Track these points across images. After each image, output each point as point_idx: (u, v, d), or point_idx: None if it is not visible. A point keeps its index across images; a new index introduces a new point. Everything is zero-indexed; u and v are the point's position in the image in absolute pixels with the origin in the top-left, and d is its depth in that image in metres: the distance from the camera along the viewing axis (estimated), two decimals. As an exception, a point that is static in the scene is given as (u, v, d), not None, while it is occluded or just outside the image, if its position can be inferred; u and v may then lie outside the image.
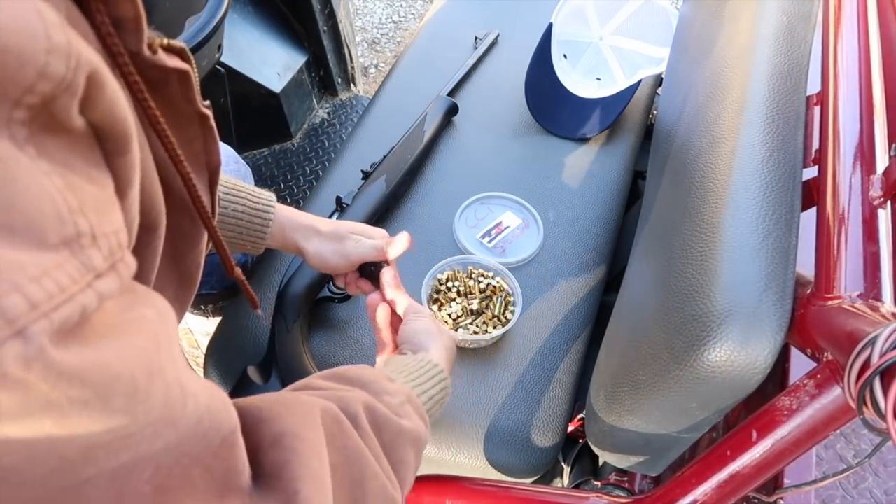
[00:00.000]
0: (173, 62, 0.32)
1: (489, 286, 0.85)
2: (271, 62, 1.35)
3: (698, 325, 0.48)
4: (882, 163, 0.53)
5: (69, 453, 0.22)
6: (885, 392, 0.36)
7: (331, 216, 0.90)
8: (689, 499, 0.54)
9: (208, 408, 0.28)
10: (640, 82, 1.04)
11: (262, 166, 1.41)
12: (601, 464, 0.84)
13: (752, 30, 0.69)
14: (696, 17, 0.90)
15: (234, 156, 0.99)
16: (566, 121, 1.07)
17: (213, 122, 0.39)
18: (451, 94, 1.10)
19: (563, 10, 1.10)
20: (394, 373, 0.53)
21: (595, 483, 0.77)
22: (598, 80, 1.17)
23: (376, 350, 0.65)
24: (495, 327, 0.82)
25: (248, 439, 0.32)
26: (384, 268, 0.67)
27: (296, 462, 0.33)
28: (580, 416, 0.83)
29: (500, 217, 0.97)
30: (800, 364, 0.56)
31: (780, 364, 0.60)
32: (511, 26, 1.25)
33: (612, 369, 0.64)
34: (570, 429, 0.83)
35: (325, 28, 1.40)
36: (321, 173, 1.37)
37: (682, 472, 0.55)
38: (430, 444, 0.78)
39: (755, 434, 0.49)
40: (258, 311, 0.56)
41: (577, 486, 0.79)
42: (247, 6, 1.35)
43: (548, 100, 1.07)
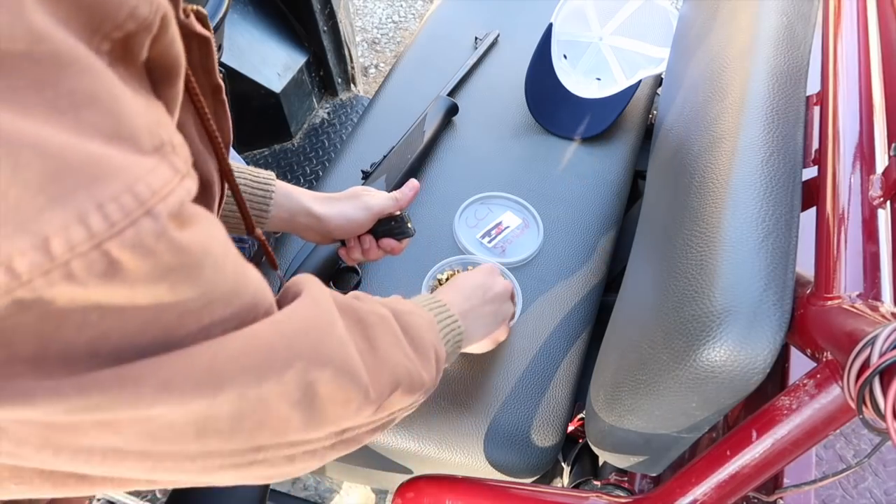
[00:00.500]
0: (199, 28, 0.35)
1: (489, 286, 0.85)
2: (271, 62, 1.35)
3: (698, 325, 0.48)
4: (882, 163, 0.53)
5: (170, 320, 0.27)
6: (885, 392, 0.36)
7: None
8: (689, 499, 0.54)
9: (259, 283, 0.33)
10: (640, 82, 1.04)
11: (262, 166, 1.41)
12: (601, 464, 0.84)
13: (752, 30, 0.69)
14: (696, 17, 0.90)
15: (233, 154, 0.99)
16: (566, 121, 1.07)
17: (225, 96, 0.42)
18: (451, 94, 1.10)
19: (563, 10, 1.10)
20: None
21: (595, 483, 0.77)
22: (598, 80, 1.17)
23: None
24: (495, 327, 0.82)
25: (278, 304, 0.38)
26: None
27: (300, 285, 0.40)
28: (580, 416, 0.83)
29: (500, 217, 0.97)
30: (800, 364, 0.56)
31: (780, 364, 0.59)
32: (511, 26, 1.25)
33: (612, 369, 0.64)
34: (570, 429, 0.83)
35: (325, 28, 1.40)
36: (321, 173, 1.37)
37: (682, 472, 0.55)
38: (430, 444, 0.78)
39: (755, 434, 0.49)
40: (278, 273, 0.59)
41: (577, 486, 0.79)
42: (247, 6, 1.35)
43: (548, 100, 1.07)
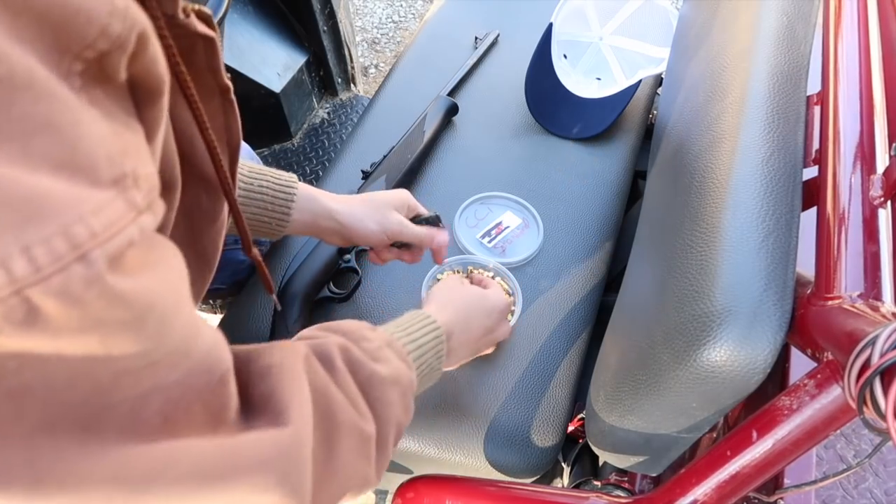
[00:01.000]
0: (202, 28, 0.34)
1: (489, 286, 0.85)
2: (271, 62, 1.35)
3: (698, 325, 0.48)
4: (882, 163, 0.53)
5: (103, 378, 0.25)
6: (885, 392, 0.36)
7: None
8: (689, 499, 0.54)
9: (214, 342, 0.31)
10: (640, 82, 1.04)
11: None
12: (601, 464, 0.84)
13: (752, 30, 0.69)
14: (696, 17, 0.90)
15: (249, 151, 0.98)
16: (566, 121, 1.07)
17: (234, 97, 0.40)
18: (451, 94, 1.10)
19: (563, 10, 1.10)
20: (382, 326, 0.55)
21: (595, 483, 0.77)
22: (598, 80, 1.17)
23: None
24: (495, 327, 0.82)
25: (239, 375, 0.35)
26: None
27: (282, 386, 0.36)
28: (580, 416, 0.83)
29: (500, 217, 0.97)
30: (800, 364, 0.56)
31: (780, 364, 0.59)
32: (511, 26, 1.25)
33: (612, 369, 0.64)
34: (570, 429, 0.83)
35: (325, 28, 1.40)
36: (321, 173, 1.37)
37: (682, 472, 0.55)
38: (430, 444, 0.78)
39: (755, 434, 0.48)
40: (273, 296, 0.57)
41: (577, 486, 0.79)
42: (247, 6, 1.35)
43: (548, 100, 1.07)
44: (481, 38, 1.21)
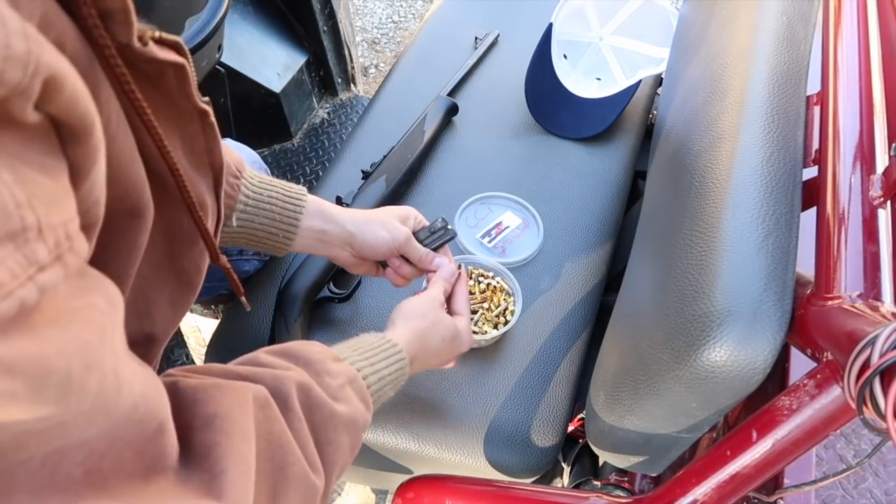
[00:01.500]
0: (166, 55, 0.32)
1: (489, 286, 0.85)
2: (271, 62, 1.35)
3: (698, 325, 0.48)
4: (882, 163, 0.53)
5: (2, 439, 0.22)
6: (885, 392, 0.36)
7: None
8: (689, 499, 0.54)
9: (144, 395, 0.29)
10: (640, 82, 1.04)
11: (262, 166, 1.41)
12: (601, 464, 0.84)
13: (752, 30, 0.69)
14: (696, 17, 0.90)
15: (253, 155, 0.97)
16: (566, 121, 1.07)
17: (214, 119, 0.39)
18: (451, 94, 1.10)
19: (563, 10, 1.10)
20: (347, 350, 0.53)
21: (595, 483, 0.77)
22: (598, 80, 1.18)
23: None
24: (495, 327, 0.82)
25: (181, 417, 0.34)
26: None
27: (225, 444, 0.34)
28: (580, 416, 0.83)
29: (500, 217, 0.97)
30: (800, 364, 0.56)
31: (780, 364, 0.59)
32: (511, 26, 1.25)
33: (612, 369, 0.64)
34: (570, 429, 0.83)
35: (325, 28, 1.40)
36: (321, 173, 1.37)
37: (682, 472, 0.55)
38: (430, 444, 0.78)
39: (755, 434, 0.49)
40: (242, 299, 0.56)
41: (577, 486, 0.79)
42: (247, 6, 1.35)
43: (548, 100, 1.07)
44: (481, 38, 1.21)
